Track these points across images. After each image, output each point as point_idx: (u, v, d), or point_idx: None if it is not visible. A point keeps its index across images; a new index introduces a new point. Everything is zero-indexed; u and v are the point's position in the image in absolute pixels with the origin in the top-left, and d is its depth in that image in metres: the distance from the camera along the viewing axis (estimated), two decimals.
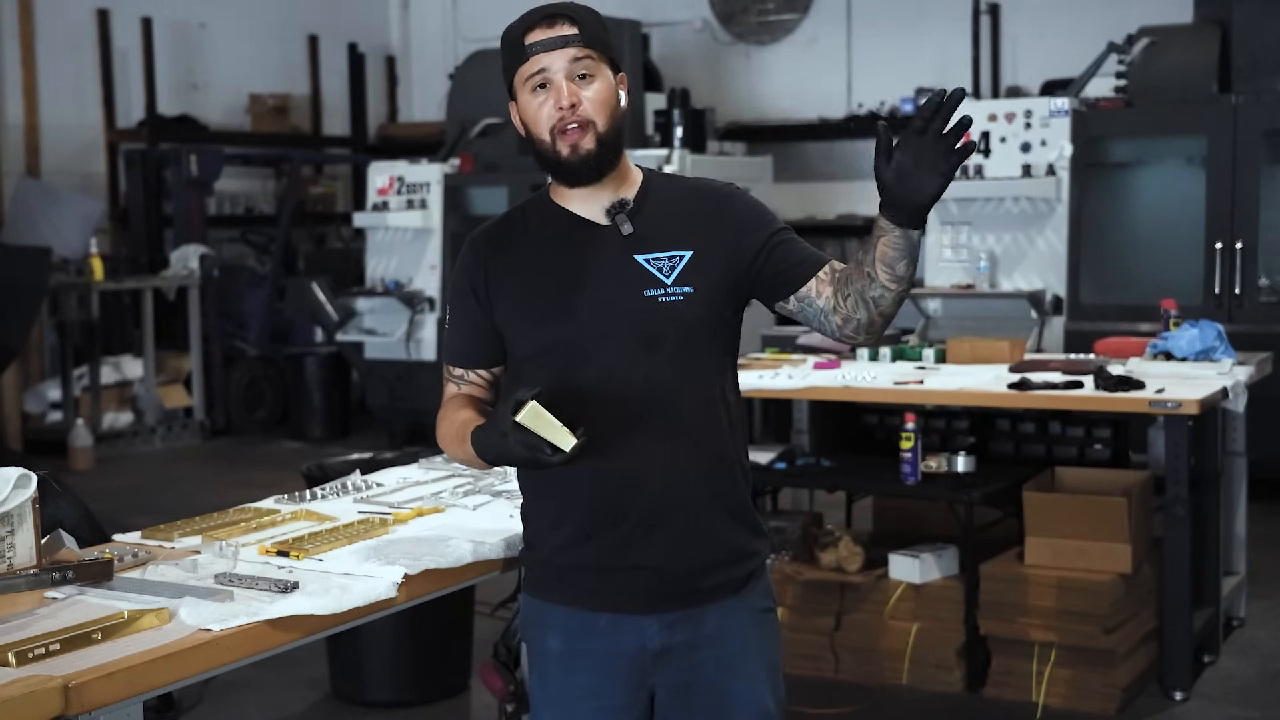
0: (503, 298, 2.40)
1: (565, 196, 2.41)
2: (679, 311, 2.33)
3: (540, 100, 2.33)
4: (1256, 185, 7.31)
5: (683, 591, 2.36)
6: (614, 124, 2.35)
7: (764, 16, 11.62)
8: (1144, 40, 7.83)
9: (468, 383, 2.48)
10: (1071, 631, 4.58)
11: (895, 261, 2.27)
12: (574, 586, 2.39)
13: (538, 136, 2.35)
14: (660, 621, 2.36)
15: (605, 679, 2.38)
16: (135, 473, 9.10)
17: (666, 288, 2.33)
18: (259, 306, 10.72)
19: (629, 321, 2.33)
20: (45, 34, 10.81)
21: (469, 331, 2.45)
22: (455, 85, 10.45)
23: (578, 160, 2.32)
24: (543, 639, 2.44)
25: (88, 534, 3.56)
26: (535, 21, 2.33)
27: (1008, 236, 7.64)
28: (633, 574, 2.34)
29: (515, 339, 2.40)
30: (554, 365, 2.34)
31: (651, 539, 2.33)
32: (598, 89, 2.33)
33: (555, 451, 2.15)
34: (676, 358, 2.33)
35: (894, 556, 4.92)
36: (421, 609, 2.80)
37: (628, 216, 2.36)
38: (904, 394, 4.97)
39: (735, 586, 2.40)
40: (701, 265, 2.35)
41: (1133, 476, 4.90)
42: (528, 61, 2.32)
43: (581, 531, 2.36)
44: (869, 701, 4.75)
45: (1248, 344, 5.78)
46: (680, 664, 2.38)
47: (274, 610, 2.28)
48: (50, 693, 1.94)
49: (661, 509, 2.32)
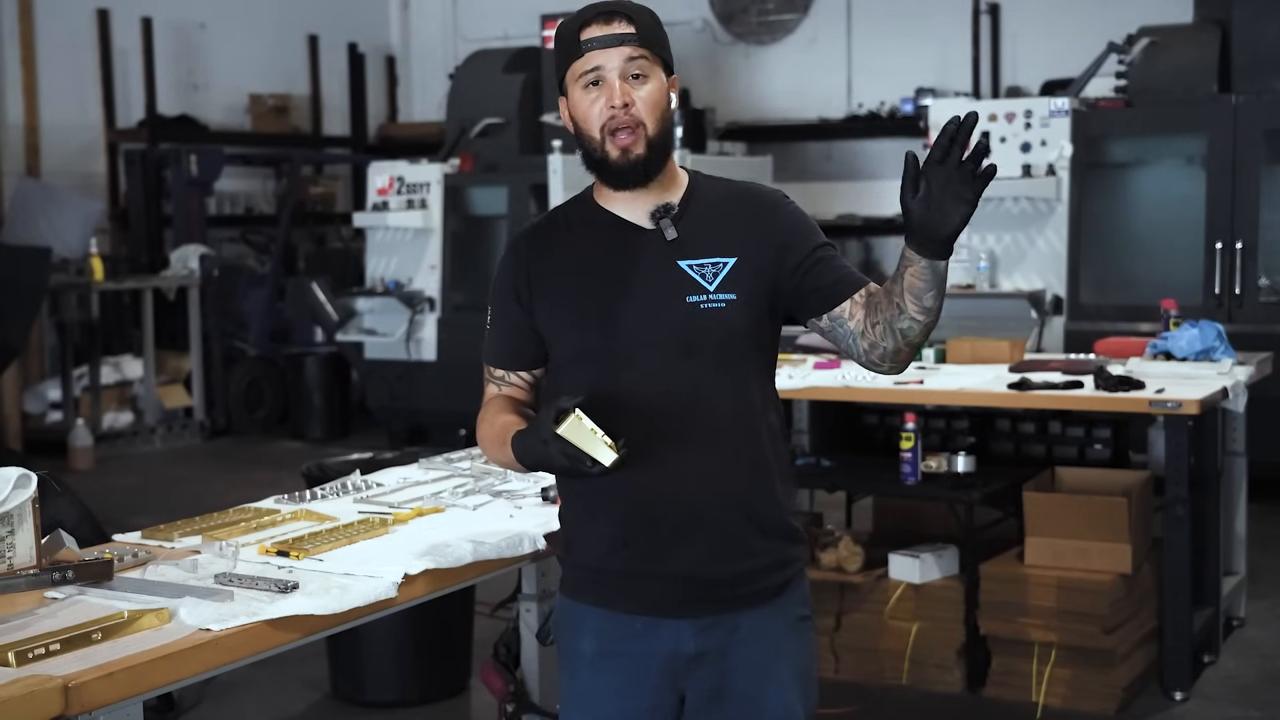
0: (543, 299, 2.38)
1: (609, 198, 2.38)
2: (721, 319, 2.31)
3: (592, 98, 2.30)
4: (1256, 185, 7.31)
5: (718, 597, 2.35)
6: (664, 127, 2.32)
7: (764, 16, 11.62)
8: (1144, 40, 7.83)
9: (508, 384, 2.46)
10: (1071, 631, 4.58)
11: (923, 293, 2.24)
12: (609, 589, 2.37)
13: (587, 134, 2.32)
14: (696, 625, 2.35)
15: (636, 681, 2.37)
16: (135, 473, 9.09)
17: (709, 294, 2.31)
18: (259, 306, 10.72)
19: (670, 328, 2.31)
20: (45, 34, 10.81)
21: (509, 332, 2.43)
22: (455, 85, 10.44)
23: (626, 165, 2.30)
24: (576, 640, 2.43)
25: (88, 534, 3.56)
26: (592, 17, 2.31)
27: (1008, 236, 7.63)
28: (669, 579, 2.33)
29: (555, 341, 2.39)
30: (594, 369, 2.32)
31: (688, 545, 2.32)
32: (650, 90, 2.30)
33: (595, 464, 2.15)
34: (717, 365, 2.32)
35: (894, 556, 4.92)
36: (421, 609, 2.81)
37: (672, 221, 2.34)
38: (904, 394, 4.97)
39: (771, 593, 2.39)
40: (744, 272, 2.33)
41: (1133, 476, 4.90)
42: (582, 57, 2.30)
43: (619, 538, 2.35)
44: (869, 701, 4.75)
45: (1248, 344, 5.78)
46: (713, 669, 2.37)
47: (274, 610, 2.28)
48: (50, 693, 1.94)
49: (699, 516, 2.31)
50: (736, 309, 2.32)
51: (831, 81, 11.30)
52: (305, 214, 12.01)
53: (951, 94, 10.21)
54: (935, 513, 5.20)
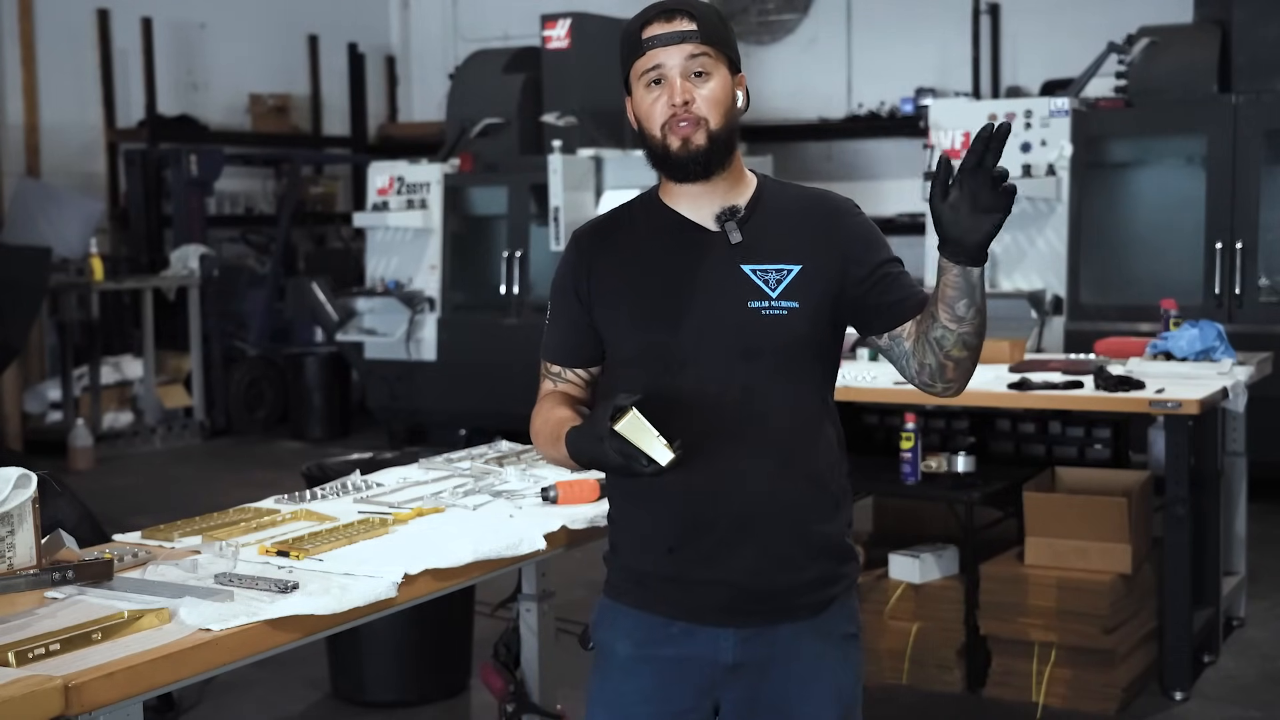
0: (604, 297, 2.36)
1: (675, 198, 2.36)
2: (782, 326, 2.29)
3: (654, 96, 2.29)
4: (1256, 185, 7.31)
5: (762, 608, 2.32)
6: (728, 123, 2.30)
7: (764, 16, 11.62)
8: (1144, 40, 7.83)
9: (565, 380, 2.44)
10: (1071, 631, 4.58)
11: (955, 301, 2.21)
12: (651, 592, 2.35)
13: (649, 132, 2.31)
14: (738, 635, 2.32)
15: (668, 685, 2.34)
16: (135, 473, 9.09)
17: (771, 301, 2.29)
18: (259, 306, 10.72)
19: (731, 332, 2.29)
20: (45, 34, 10.82)
21: (567, 328, 2.41)
22: (455, 85, 10.44)
23: (687, 155, 2.28)
24: (612, 642, 2.40)
25: (88, 534, 3.56)
26: (653, 16, 2.29)
27: (1008, 236, 7.63)
28: (713, 586, 2.31)
29: (614, 339, 2.37)
30: (652, 370, 2.30)
31: (735, 553, 2.29)
32: (713, 87, 2.28)
33: (650, 463, 2.13)
34: (776, 372, 2.30)
35: (894, 556, 4.92)
36: (421, 609, 2.81)
37: (737, 224, 2.32)
38: (904, 394, 4.96)
39: (816, 609, 2.35)
40: (808, 280, 2.30)
41: (1133, 476, 4.90)
42: (643, 56, 2.29)
43: (665, 542, 2.32)
44: (869, 701, 4.73)
45: (1248, 344, 5.78)
46: (750, 680, 2.34)
47: (274, 610, 2.28)
48: (50, 693, 1.94)
49: (748, 524, 2.28)
50: (798, 317, 2.29)
51: (831, 81, 11.30)
52: (305, 214, 12.02)
53: (951, 94, 10.21)
54: (935, 513, 5.19)
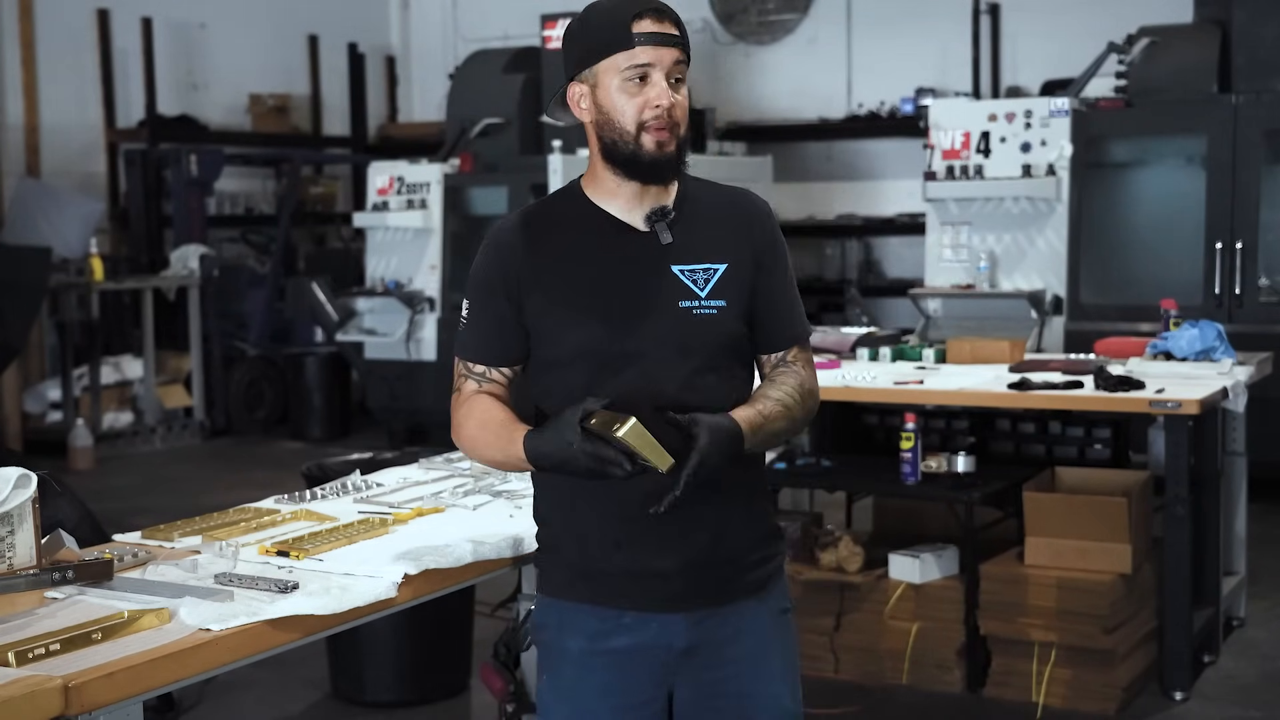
0: (535, 294, 2.35)
1: (606, 196, 2.37)
2: (713, 325, 2.33)
3: (635, 92, 2.28)
4: (1256, 185, 7.31)
5: (711, 591, 2.37)
6: (689, 131, 2.35)
7: (764, 16, 11.62)
8: (1144, 40, 7.83)
9: (489, 380, 2.42)
10: (1071, 631, 4.58)
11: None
12: (602, 586, 2.37)
13: (619, 125, 2.30)
14: (688, 620, 2.36)
15: (625, 677, 2.37)
16: (135, 473, 9.09)
17: (701, 300, 2.33)
18: (259, 306, 10.72)
19: (665, 332, 2.31)
20: (45, 34, 10.81)
21: (493, 327, 2.40)
22: (455, 85, 10.44)
23: (663, 159, 2.30)
24: (561, 639, 2.41)
25: (88, 534, 3.56)
26: (645, 11, 2.28)
27: (1008, 236, 7.63)
28: (661, 575, 2.34)
29: (547, 338, 2.36)
30: (589, 369, 2.32)
31: (680, 543, 2.33)
32: (685, 97, 2.33)
33: (634, 468, 2.15)
34: (710, 369, 2.33)
35: (894, 556, 4.92)
36: (421, 609, 2.80)
37: (667, 226, 2.34)
38: (904, 394, 4.97)
39: (758, 587, 2.42)
40: (733, 278, 2.35)
41: (1133, 476, 4.90)
42: (632, 50, 2.27)
43: (612, 538, 2.35)
44: (869, 701, 4.75)
45: (1248, 344, 5.78)
46: (704, 663, 2.38)
47: (274, 610, 2.28)
48: (50, 693, 1.94)
49: (689, 514, 2.30)
50: (727, 315, 2.34)
51: (831, 81, 11.29)
52: (305, 214, 12.02)
53: (951, 94, 10.20)
54: (935, 513, 5.19)
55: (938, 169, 7.66)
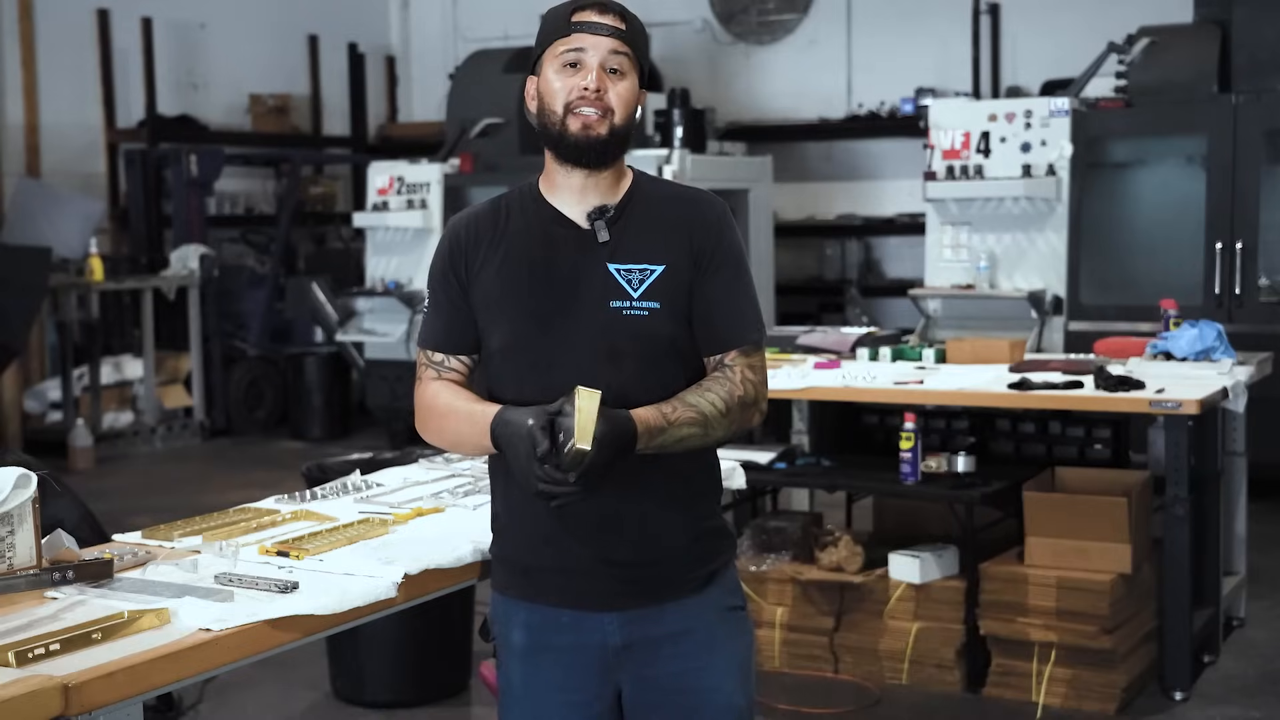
0: (479, 286, 2.39)
1: (555, 192, 2.40)
2: (642, 326, 2.33)
3: (566, 76, 2.32)
4: (1256, 185, 7.31)
5: (640, 590, 2.38)
6: (627, 123, 2.35)
7: (764, 16, 11.61)
8: (1144, 40, 7.82)
9: (449, 369, 2.45)
10: (1071, 631, 4.58)
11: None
12: (536, 584, 2.41)
13: (549, 109, 2.34)
14: (620, 618, 2.38)
15: (570, 674, 2.40)
16: (135, 473, 9.10)
17: (632, 301, 2.33)
18: (259, 306, 10.72)
19: (593, 332, 2.32)
20: (45, 34, 10.81)
21: (449, 316, 2.43)
22: (455, 85, 10.44)
23: (586, 141, 2.31)
24: (508, 634, 2.46)
25: (88, 534, 3.56)
26: (589, 4, 2.33)
27: (1008, 236, 7.63)
28: (593, 574, 2.37)
29: (487, 329, 2.40)
30: (522, 364, 2.35)
31: (609, 542, 2.35)
32: (625, 87, 2.34)
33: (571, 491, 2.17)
34: (639, 371, 2.33)
35: (894, 556, 4.92)
36: (421, 609, 2.80)
37: (606, 224, 2.35)
38: (904, 394, 4.97)
39: (697, 585, 2.42)
40: (670, 281, 2.35)
41: (1133, 476, 4.90)
42: (568, 37, 2.32)
43: (541, 534, 2.37)
44: (869, 701, 4.75)
45: (1248, 344, 5.78)
46: (642, 659, 2.40)
47: (274, 610, 2.27)
48: (50, 693, 1.94)
49: (618, 514, 2.33)
50: (658, 318, 2.33)
51: (831, 81, 11.29)
52: (305, 214, 12.01)
53: (951, 94, 10.20)
54: (935, 513, 5.19)
55: (938, 169, 7.66)
